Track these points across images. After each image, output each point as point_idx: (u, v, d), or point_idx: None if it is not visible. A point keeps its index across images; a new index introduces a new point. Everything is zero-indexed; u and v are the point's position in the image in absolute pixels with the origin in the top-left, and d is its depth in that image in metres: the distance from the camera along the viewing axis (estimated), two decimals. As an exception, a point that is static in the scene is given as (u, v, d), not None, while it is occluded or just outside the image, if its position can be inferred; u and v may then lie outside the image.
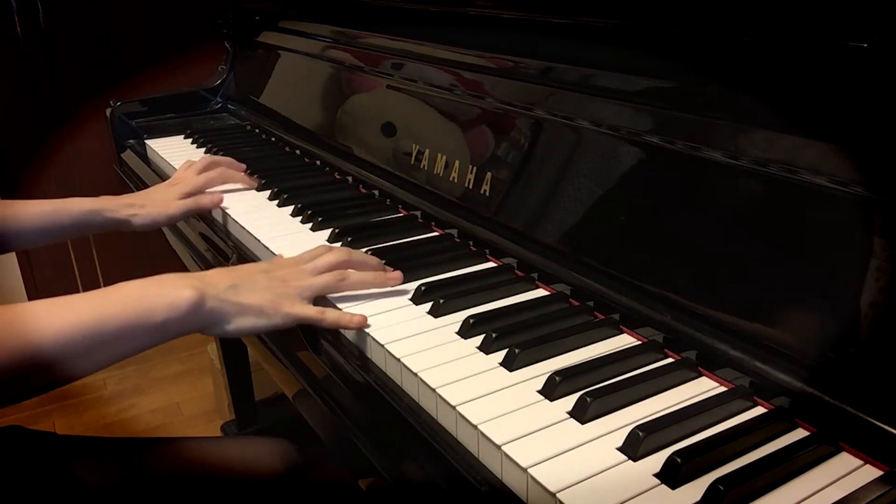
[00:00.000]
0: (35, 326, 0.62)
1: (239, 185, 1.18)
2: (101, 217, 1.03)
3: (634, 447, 0.55)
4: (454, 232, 0.95)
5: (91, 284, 2.49)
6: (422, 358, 0.67)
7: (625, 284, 0.72)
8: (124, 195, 1.11)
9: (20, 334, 0.61)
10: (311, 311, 0.74)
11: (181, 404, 2.20)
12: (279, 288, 0.74)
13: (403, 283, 0.82)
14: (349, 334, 0.76)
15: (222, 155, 1.34)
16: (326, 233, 0.98)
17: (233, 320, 0.71)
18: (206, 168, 1.15)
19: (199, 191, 1.12)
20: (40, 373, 0.63)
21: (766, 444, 0.56)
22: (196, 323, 0.70)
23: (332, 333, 0.77)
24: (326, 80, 1.35)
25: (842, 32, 0.58)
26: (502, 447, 0.55)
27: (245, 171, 1.19)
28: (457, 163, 0.96)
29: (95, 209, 1.03)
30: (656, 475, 0.53)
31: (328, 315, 0.74)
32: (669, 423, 0.57)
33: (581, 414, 0.59)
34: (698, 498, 0.50)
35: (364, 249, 0.89)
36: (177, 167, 1.30)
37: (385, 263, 0.84)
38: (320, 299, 0.79)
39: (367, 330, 0.72)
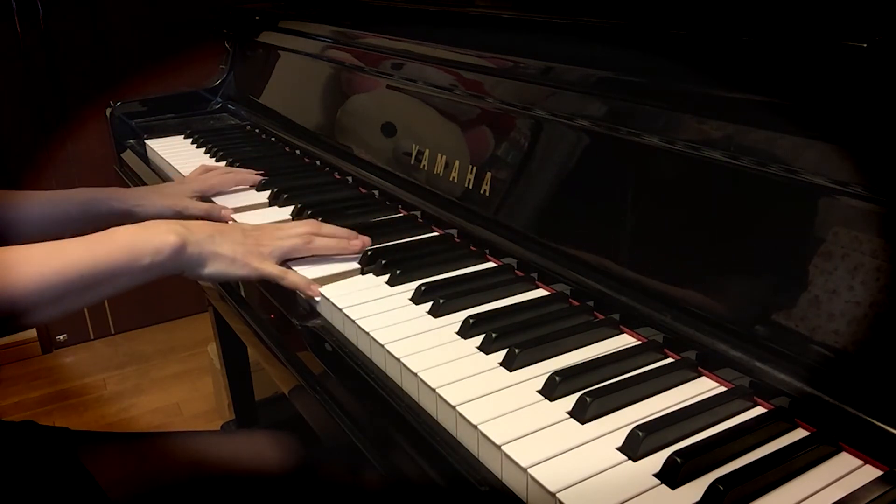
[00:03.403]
0: (38, 265, 0.69)
1: (241, 186, 1.18)
2: (106, 206, 1.04)
3: (634, 447, 0.55)
4: (454, 232, 0.95)
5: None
6: (421, 358, 0.67)
7: (625, 284, 0.72)
8: (133, 188, 1.11)
9: (25, 271, 0.68)
10: (274, 270, 0.83)
11: (181, 404, 2.20)
12: (252, 245, 0.83)
13: (404, 282, 0.82)
14: (350, 334, 0.76)
15: (222, 155, 1.34)
16: (326, 233, 0.98)
17: (207, 265, 0.80)
18: (221, 171, 1.17)
19: (211, 190, 1.14)
20: (41, 306, 0.70)
21: (766, 444, 0.56)
22: (177, 266, 0.78)
23: (334, 336, 0.77)
24: (326, 80, 1.35)
25: (842, 32, 0.58)
26: (502, 447, 0.55)
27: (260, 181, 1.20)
28: (457, 163, 0.96)
29: (100, 197, 1.04)
30: (656, 475, 0.53)
31: (289, 276, 0.83)
32: (669, 423, 0.57)
33: (581, 414, 0.59)
34: (698, 498, 0.50)
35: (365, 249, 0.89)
36: (177, 167, 1.30)
37: (385, 263, 0.84)
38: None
39: (367, 329, 0.72)
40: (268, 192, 1.14)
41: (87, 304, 0.74)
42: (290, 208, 1.07)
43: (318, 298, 0.81)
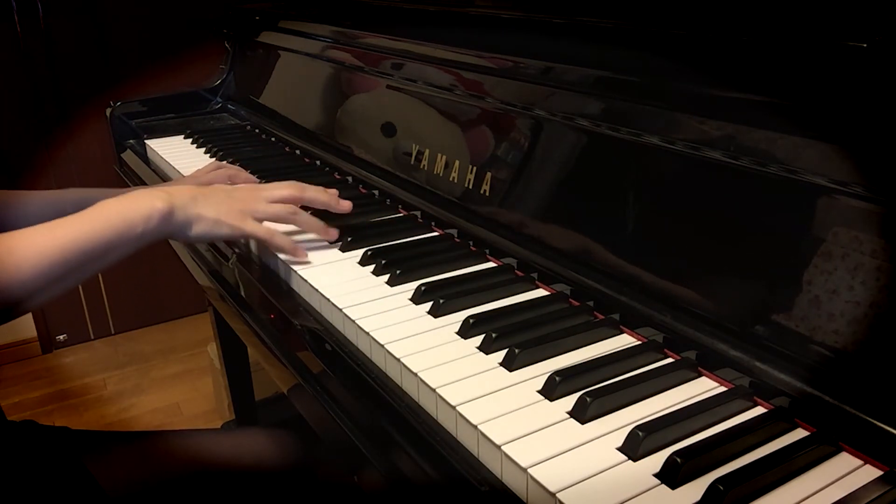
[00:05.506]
0: (42, 247, 0.71)
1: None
2: None
3: (634, 447, 0.55)
4: (454, 232, 0.95)
5: (92, 287, 2.50)
6: (421, 358, 0.67)
7: (625, 284, 0.72)
8: (129, 187, 1.11)
9: (30, 253, 0.70)
10: (260, 230, 0.85)
11: (181, 404, 2.20)
12: (235, 205, 0.84)
13: (404, 282, 0.82)
14: (350, 334, 0.76)
15: (222, 155, 1.34)
16: (326, 233, 0.98)
17: (193, 227, 0.81)
18: (213, 170, 1.16)
19: None
20: (47, 286, 0.71)
21: (766, 444, 0.56)
22: (167, 230, 0.80)
23: (334, 336, 0.77)
24: (326, 80, 1.35)
25: (842, 32, 0.58)
26: (502, 447, 0.55)
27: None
28: (457, 163, 0.96)
29: (94, 198, 1.03)
30: (656, 475, 0.53)
31: (276, 237, 0.85)
32: (669, 423, 0.57)
33: (581, 414, 0.59)
34: (698, 498, 0.50)
35: (364, 249, 0.89)
36: (177, 167, 1.31)
37: (385, 263, 0.84)
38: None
39: (367, 329, 0.72)
40: (268, 192, 1.14)
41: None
42: (290, 208, 1.07)
43: (304, 267, 0.82)
